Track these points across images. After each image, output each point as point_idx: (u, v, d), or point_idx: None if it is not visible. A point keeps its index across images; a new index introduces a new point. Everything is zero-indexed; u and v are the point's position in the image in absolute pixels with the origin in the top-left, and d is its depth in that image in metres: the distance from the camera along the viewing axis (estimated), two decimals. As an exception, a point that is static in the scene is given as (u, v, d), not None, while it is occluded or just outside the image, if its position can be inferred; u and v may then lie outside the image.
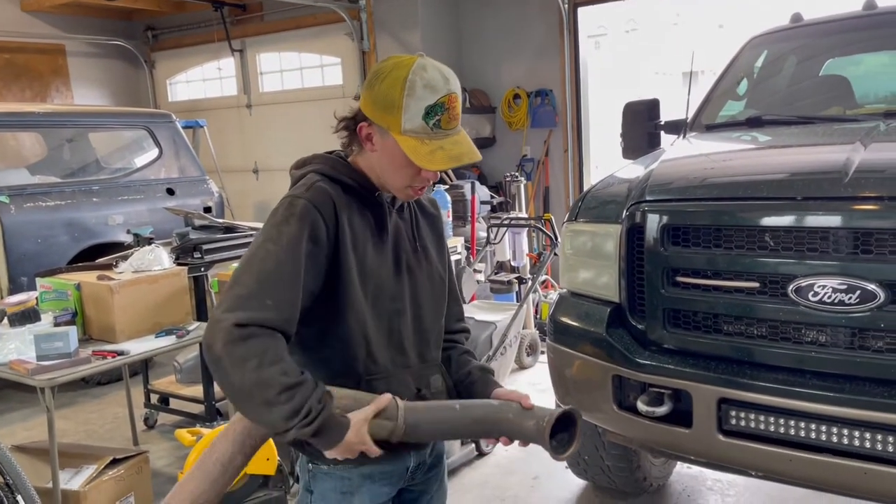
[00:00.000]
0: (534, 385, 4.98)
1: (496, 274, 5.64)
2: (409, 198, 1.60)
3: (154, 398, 4.63)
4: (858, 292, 2.07)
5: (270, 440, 3.34)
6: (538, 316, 5.89)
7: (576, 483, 3.56)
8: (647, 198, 2.53)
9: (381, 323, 1.58)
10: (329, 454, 1.45)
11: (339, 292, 1.51)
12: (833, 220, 2.13)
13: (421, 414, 1.51)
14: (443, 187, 5.89)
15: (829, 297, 2.10)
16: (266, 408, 1.37)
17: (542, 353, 5.40)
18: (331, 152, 1.64)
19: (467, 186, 6.20)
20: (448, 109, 1.48)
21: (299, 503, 1.67)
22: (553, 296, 6.04)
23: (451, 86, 1.49)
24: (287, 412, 1.36)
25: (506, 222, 5.53)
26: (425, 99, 1.46)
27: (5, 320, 3.29)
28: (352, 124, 1.56)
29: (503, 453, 3.93)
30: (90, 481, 3.21)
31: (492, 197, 6.57)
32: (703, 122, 3.51)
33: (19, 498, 2.75)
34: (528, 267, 5.90)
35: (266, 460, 3.37)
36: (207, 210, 5.98)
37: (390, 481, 1.65)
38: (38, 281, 3.74)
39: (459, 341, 1.82)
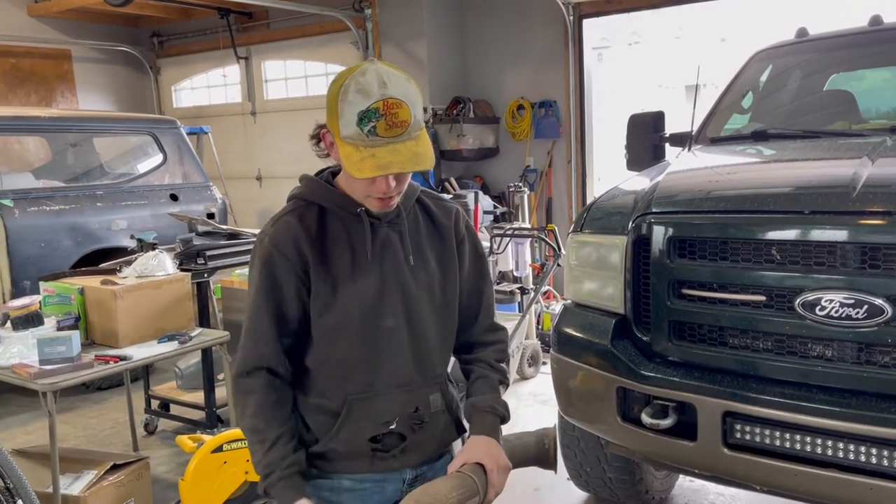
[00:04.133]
0: (535, 396, 4.97)
1: (498, 284, 5.64)
2: (379, 208, 1.54)
3: (155, 404, 4.62)
4: (866, 307, 2.07)
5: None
6: (540, 326, 5.89)
7: (577, 495, 3.55)
8: (654, 210, 2.54)
9: (367, 343, 1.56)
10: None
11: (313, 316, 1.56)
12: (841, 235, 2.13)
13: None
14: (446, 197, 5.89)
15: (837, 312, 2.10)
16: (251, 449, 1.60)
17: (544, 363, 5.39)
18: (322, 171, 1.65)
19: (470, 196, 6.21)
20: (384, 116, 1.41)
21: None
22: (555, 307, 6.04)
23: (387, 91, 1.41)
24: (255, 462, 1.58)
25: (509, 232, 5.54)
26: (357, 104, 1.42)
27: (8, 324, 3.29)
28: (318, 135, 1.56)
29: (504, 464, 3.91)
30: (90, 486, 3.20)
31: (495, 207, 6.58)
32: (709, 135, 3.52)
33: (20, 502, 2.74)
34: (531, 277, 5.90)
35: (267, 468, 3.35)
36: (210, 216, 5.98)
37: (382, 491, 1.64)
38: (42, 285, 3.74)
39: (484, 359, 1.73)
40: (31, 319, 3.28)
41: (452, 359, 1.76)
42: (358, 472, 1.61)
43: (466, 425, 1.72)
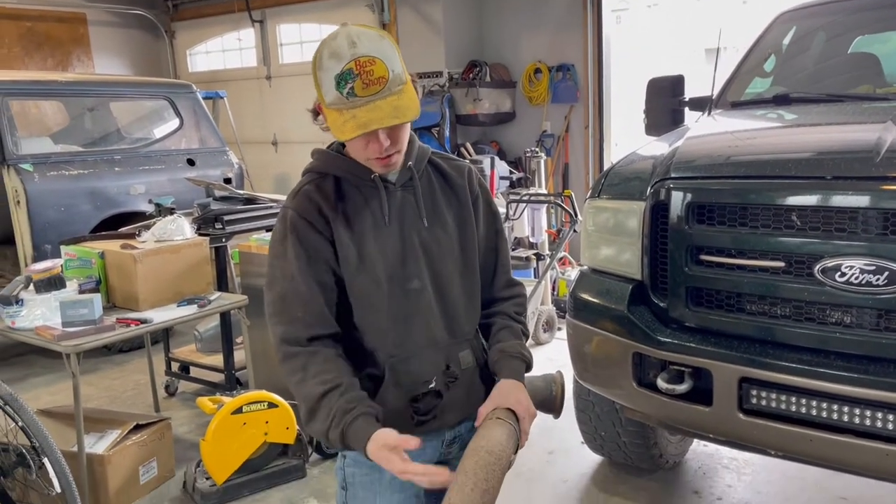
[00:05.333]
0: (551, 360, 4.99)
1: (514, 250, 5.63)
2: (382, 169, 1.55)
3: (175, 366, 4.69)
4: (886, 273, 2.05)
5: (288, 407, 3.38)
6: (555, 293, 5.89)
7: (591, 458, 3.59)
8: (673, 175, 2.51)
9: (398, 305, 1.58)
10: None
11: (347, 281, 1.57)
12: (863, 200, 2.10)
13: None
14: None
15: (857, 278, 2.09)
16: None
17: (559, 329, 5.41)
18: (332, 143, 1.64)
19: (486, 162, 6.17)
20: (359, 75, 1.40)
21: (336, 467, 1.72)
22: (571, 273, 6.04)
23: (357, 50, 1.41)
24: (327, 412, 1.48)
25: (525, 198, 5.52)
26: (332, 69, 1.42)
27: (31, 287, 3.33)
28: (315, 107, 1.56)
29: (519, 428, 3.95)
30: (114, 446, 3.28)
31: (511, 172, 6.54)
32: (729, 100, 3.46)
33: (46, 460, 2.81)
34: (547, 243, 5.89)
35: (286, 429, 3.42)
36: (227, 181, 6.00)
37: (423, 454, 1.65)
38: (63, 249, 3.78)
39: (504, 311, 1.76)
40: (53, 282, 3.33)
41: None
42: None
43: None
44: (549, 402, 1.80)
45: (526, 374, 1.73)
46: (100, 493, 3.22)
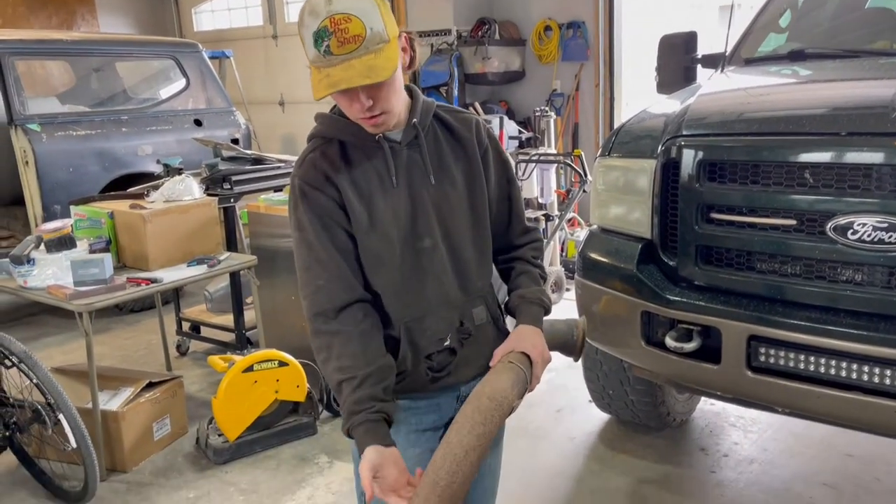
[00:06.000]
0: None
1: (523, 210, 5.60)
2: (373, 130, 1.52)
3: (186, 326, 4.74)
4: (899, 231, 2.03)
5: (298, 366, 3.42)
6: (564, 254, 5.89)
7: (599, 416, 3.62)
8: (684, 132, 2.49)
9: (411, 265, 1.58)
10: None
11: (360, 243, 1.57)
12: (877, 157, 2.07)
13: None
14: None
15: (869, 236, 2.07)
16: (338, 393, 1.53)
17: (568, 290, 5.42)
18: (334, 106, 1.61)
19: (495, 121, 6.11)
20: (334, 33, 1.37)
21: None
22: (580, 234, 6.02)
23: (333, 7, 1.37)
24: (342, 403, 1.52)
25: (534, 158, 5.48)
26: (310, 26, 1.39)
27: (42, 246, 3.35)
28: None
29: (527, 386, 3.98)
30: (128, 403, 3.33)
31: (520, 132, 6.48)
32: (743, 56, 3.40)
33: (61, 416, 2.86)
34: (556, 204, 5.86)
35: (296, 387, 3.46)
36: (235, 142, 5.98)
37: (438, 410, 1.68)
38: (73, 209, 3.79)
39: (522, 257, 1.76)
40: (63, 242, 3.34)
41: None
42: (415, 392, 1.64)
43: (510, 325, 1.74)
44: (570, 345, 1.83)
45: (549, 318, 1.74)
46: (115, 448, 3.28)
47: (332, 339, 1.52)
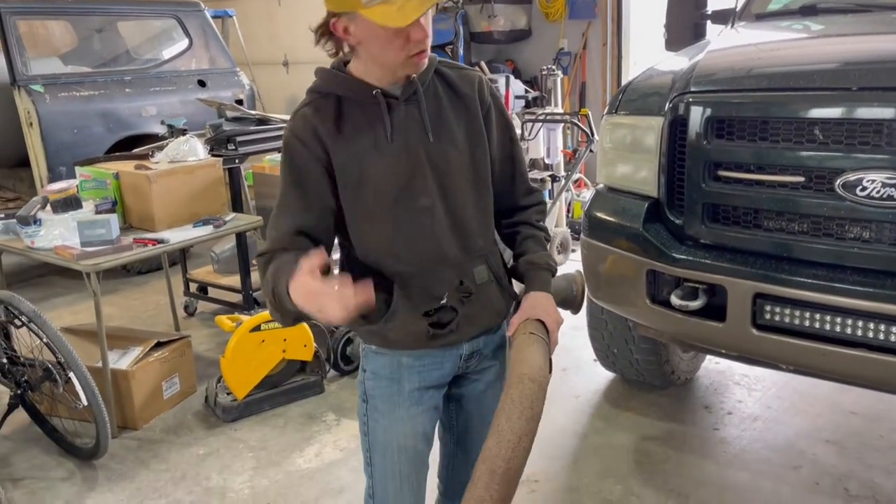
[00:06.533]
0: (564, 281, 5.02)
1: (529, 171, 5.57)
2: (418, 68, 1.52)
3: (193, 287, 4.77)
4: (909, 187, 2.01)
5: (305, 325, 3.44)
6: (570, 214, 5.87)
7: (604, 375, 3.65)
8: (692, 89, 2.45)
9: (407, 223, 1.56)
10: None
11: (347, 204, 1.56)
12: (888, 112, 2.04)
13: None
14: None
15: (878, 192, 2.05)
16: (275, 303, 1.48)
17: (574, 251, 5.41)
18: (335, 61, 1.61)
19: (501, 81, 6.05)
20: None
21: (359, 381, 1.74)
22: (586, 195, 5.99)
23: None
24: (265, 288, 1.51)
25: (541, 118, 5.43)
26: None
27: (48, 207, 3.36)
28: (326, 28, 1.53)
29: (533, 346, 4.01)
30: (137, 362, 3.36)
31: (526, 91, 6.42)
32: (753, 11, 3.34)
33: (72, 375, 2.89)
34: (562, 164, 5.82)
35: (304, 346, 3.49)
36: (239, 102, 5.94)
37: (441, 367, 1.68)
38: (78, 170, 3.79)
39: (526, 220, 1.77)
40: (70, 203, 3.35)
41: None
42: (417, 349, 1.64)
43: (517, 288, 1.75)
44: (570, 300, 1.89)
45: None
46: (125, 406, 3.33)
47: (275, 256, 1.52)
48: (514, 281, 1.77)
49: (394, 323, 1.59)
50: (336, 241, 1.65)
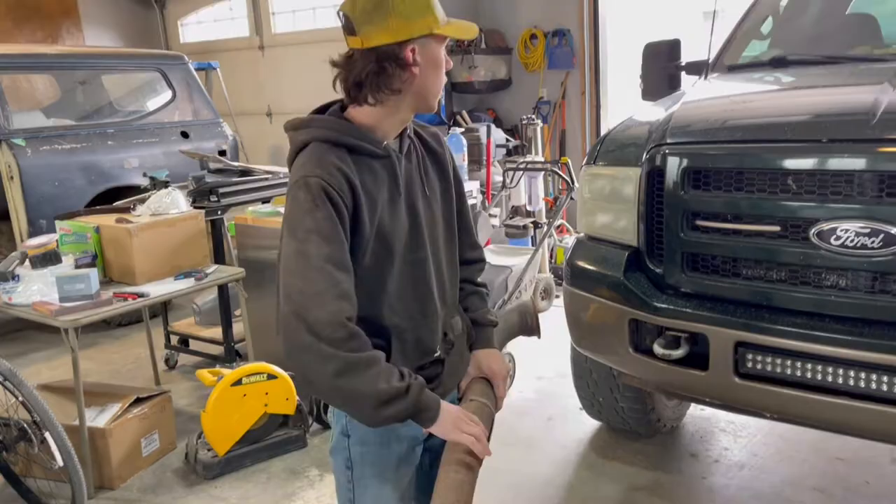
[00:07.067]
0: (548, 328, 5.01)
1: (511, 218, 5.62)
2: (434, 106, 1.60)
3: (174, 339, 4.71)
4: (882, 236, 2.05)
5: (288, 378, 3.40)
6: (553, 260, 5.90)
7: (590, 424, 3.62)
8: (668, 140, 2.50)
9: (407, 275, 1.57)
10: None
11: (357, 257, 1.49)
12: (858, 163, 2.09)
13: None
14: (458, 130, 5.83)
15: (852, 241, 2.08)
16: (361, 373, 1.41)
17: (557, 297, 5.42)
18: (327, 106, 1.58)
19: (483, 130, 6.13)
20: None
21: (335, 447, 1.66)
22: (568, 240, 6.03)
23: None
24: (375, 392, 1.42)
25: (522, 166, 5.49)
26: None
27: (27, 262, 3.33)
28: (388, 61, 1.45)
29: (517, 395, 3.99)
30: (115, 419, 3.30)
31: (507, 140, 6.50)
32: (726, 63, 3.43)
33: (47, 434, 2.83)
34: (544, 211, 5.87)
35: (286, 400, 3.44)
36: (222, 153, 5.96)
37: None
38: (58, 224, 3.77)
39: (469, 278, 1.82)
40: (49, 258, 3.32)
41: None
42: None
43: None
44: (528, 328, 2.00)
45: (501, 314, 1.90)
46: (103, 465, 3.25)
47: (361, 345, 1.41)
48: None
49: None
50: None
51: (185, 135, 6.04)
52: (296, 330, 1.39)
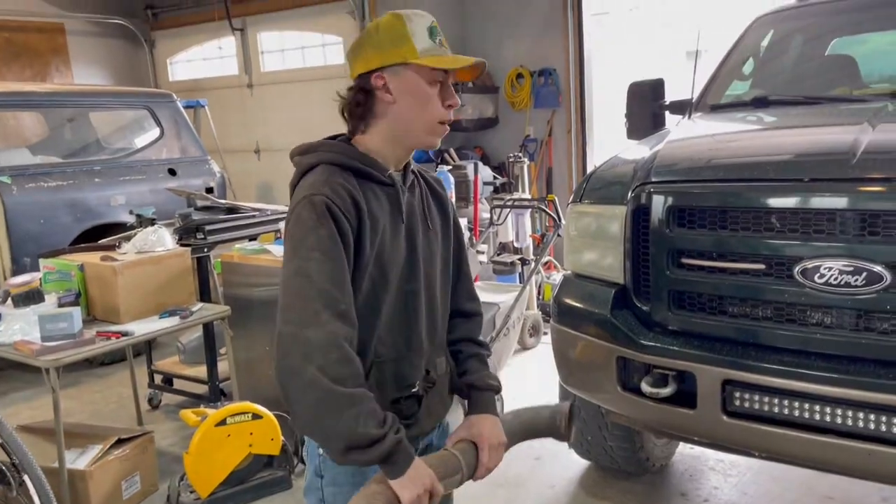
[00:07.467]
0: (536, 365, 4.99)
1: (499, 255, 5.63)
2: (441, 135, 1.57)
3: (158, 378, 4.65)
4: (865, 274, 2.06)
5: (273, 418, 3.36)
6: (541, 297, 5.89)
7: (578, 463, 3.58)
8: (653, 179, 2.52)
9: (398, 306, 1.57)
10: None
11: (356, 280, 1.50)
12: (840, 202, 2.12)
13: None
14: (446, 168, 5.86)
15: (836, 279, 2.10)
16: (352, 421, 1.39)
17: (545, 334, 5.41)
18: (335, 137, 1.61)
19: (470, 167, 6.17)
20: (440, 34, 1.55)
21: (308, 487, 1.65)
22: (556, 277, 6.04)
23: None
24: (347, 430, 1.40)
25: (509, 203, 5.52)
26: (422, 22, 1.52)
27: (9, 301, 3.29)
28: (361, 90, 1.53)
29: (506, 433, 3.94)
30: (96, 461, 3.24)
31: (494, 178, 6.54)
32: (709, 103, 3.48)
33: (26, 477, 2.77)
34: (531, 248, 5.89)
35: (271, 440, 3.39)
36: (209, 190, 5.95)
37: None
38: (42, 262, 3.73)
39: (469, 336, 1.76)
40: (31, 296, 3.29)
41: None
42: None
43: (461, 402, 1.75)
44: (556, 431, 1.81)
45: (533, 406, 1.79)
46: (82, 508, 3.18)
47: (351, 374, 1.41)
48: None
49: None
50: None
51: (172, 172, 6.05)
52: (288, 351, 1.39)
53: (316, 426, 1.42)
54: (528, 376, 4.83)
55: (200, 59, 9.73)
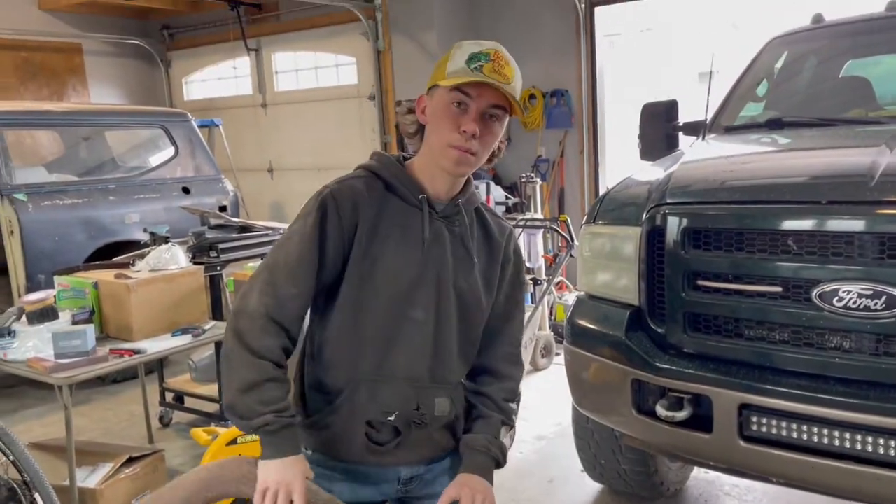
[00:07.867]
0: (549, 387, 4.96)
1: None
2: (456, 161, 1.51)
3: (169, 396, 4.65)
4: (884, 297, 2.04)
5: None
6: (553, 317, 5.87)
7: (592, 487, 3.54)
8: (668, 200, 2.51)
9: (390, 327, 1.55)
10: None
11: (341, 284, 1.53)
12: (858, 225, 2.10)
13: None
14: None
15: (854, 303, 2.07)
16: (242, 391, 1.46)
17: (557, 354, 5.38)
18: (394, 153, 1.67)
19: (482, 187, 6.18)
20: (493, 60, 1.49)
21: None
22: (568, 297, 6.02)
23: (500, 49, 1.53)
24: (236, 402, 1.47)
25: (521, 223, 5.52)
26: (470, 49, 1.51)
27: (24, 318, 3.31)
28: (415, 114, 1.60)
29: (518, 456, 3.91)
30: (107, 479, 3.23)
31: (507, 198, 6.54)
32: (723, 124, 3.48)
33: (37, 496, 2.76)
34: (544, 268, 5.87)
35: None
36: (223, 209, 5.98)
37: (377, 486, 1.63)
38: (56, 279, 3.75)
39: (491, 395, 1.70)
40: (46, 314, 3.30)
41: None
42: (350, 460, 1.59)
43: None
44: None
45: None
46: (92, 527, 3.17)
47: (268, 349, 1.47)
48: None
49: (333, 418, 1.56)
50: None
51: (186, 190, 6.09)
52: (228, 322, 1.52)
53: (221, 375, 1.55)
54: (541, 398, 4.80)
55: (215, 78, 9.83)
